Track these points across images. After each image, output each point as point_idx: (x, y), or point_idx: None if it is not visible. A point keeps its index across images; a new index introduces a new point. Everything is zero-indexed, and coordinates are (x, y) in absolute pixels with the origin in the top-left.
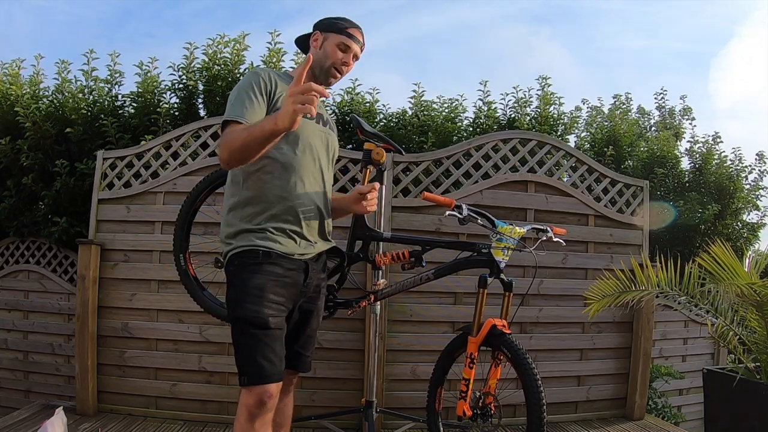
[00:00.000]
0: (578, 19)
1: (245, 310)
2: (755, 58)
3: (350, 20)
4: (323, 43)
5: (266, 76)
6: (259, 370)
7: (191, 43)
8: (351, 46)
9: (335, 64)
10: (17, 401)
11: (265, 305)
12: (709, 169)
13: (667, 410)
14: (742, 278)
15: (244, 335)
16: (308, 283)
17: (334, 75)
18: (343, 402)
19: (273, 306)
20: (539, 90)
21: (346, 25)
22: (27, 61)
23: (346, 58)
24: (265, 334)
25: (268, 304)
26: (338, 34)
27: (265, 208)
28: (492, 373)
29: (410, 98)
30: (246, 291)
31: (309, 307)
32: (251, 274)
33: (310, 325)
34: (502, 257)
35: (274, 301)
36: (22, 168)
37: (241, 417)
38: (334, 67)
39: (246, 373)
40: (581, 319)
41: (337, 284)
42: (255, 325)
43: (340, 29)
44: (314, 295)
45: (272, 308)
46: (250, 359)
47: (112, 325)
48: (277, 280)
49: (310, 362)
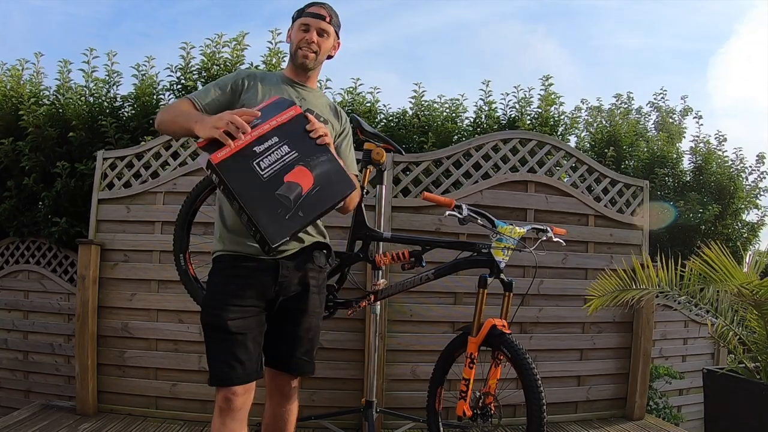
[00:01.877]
0: (575, 18)
1: (207, 315)
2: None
3: (314, 0)
4: (291, 33)
5: (244, 76)
6: (220, 373)
7: (187, 43)
8: (310, 23)
9: (299, 46)
10: (17, 401)
11: (226, 309)
12: (710, 169)
13: (667, 411)
14: (737, 279)
15: (207, 339)
16: (282, 281)
17: (304, 56)
18: (343, 402)
19: (235, 309)
20: (542, 90)
21: (305, 6)
22: (28, 61)
23: (308, 36)
24: (225, 338)
25: (230, 308)
26: (298, 18)
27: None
28: (492, 373)
29: (411, 98)
30: (210, 296)
31: (294, 306)
32: (216, 279)
33: (300, 324)
34: (502, 257)
35: (236, 304)
36: (22, 169)
37: (214, 413)
38: (299, 49)
39: (211, 375)
40: (581, 319)
41: (337, 284)
42: (215, 329)
43: (300, 12)
44: (298, 293)
45: (234, 312)
46: (213, 362)
47: (112, 325)
48: (242, 283)
49: (306, 364)
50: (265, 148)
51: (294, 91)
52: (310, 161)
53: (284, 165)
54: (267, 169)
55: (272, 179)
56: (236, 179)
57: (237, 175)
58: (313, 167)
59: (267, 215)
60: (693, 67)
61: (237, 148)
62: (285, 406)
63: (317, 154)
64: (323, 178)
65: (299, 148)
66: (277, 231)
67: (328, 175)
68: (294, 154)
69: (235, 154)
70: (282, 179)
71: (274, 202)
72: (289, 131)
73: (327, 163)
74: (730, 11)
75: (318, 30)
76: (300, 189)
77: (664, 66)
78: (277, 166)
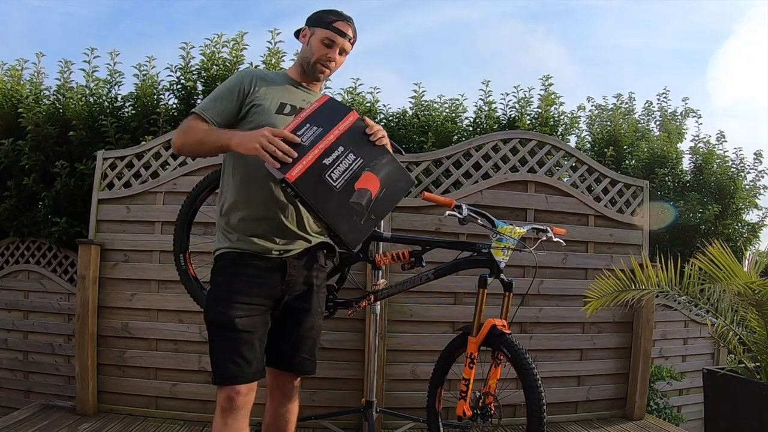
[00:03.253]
0: (574, 17)
1: (213, 313)
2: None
3: (339, 12)
4: (310, 39)
5: (248, 78)
6: (225, 372)
7: (187, 43)
8: (336, 40)
9: (320, 60)
10: (17, 401)
11: (233, 307)
12: (710, 168)
13: (668, 411)
14: (740, 278)
15: (212, 337)
16: (288, 280)
17: (321, 71)
18: (343, 402)
19: (242, 307)
20: (542, 90)
21: (332, 18)
22: (28, 61)
23: (331, 53)
24: (231, 336)
25: (237, 305)
26: (324, 29)
27: (245, 214)
28: (492, 373)
29: (410, 98)
30: (215, 294)
31: (298, 305)
32: (222, 277)
33: (303, 324)
34: (502, 257)
35: (243, 302)
36: (22, 169)
37: (216, 413)
38: (319, 63)
39: (215, 374)
40: (581, 319)
41: (337, 284)
42: (221, 327)
43: (327, 24)
44: (303, 292)
45: (241, 309)
46: (218, 361)
47: (112, 325)
48: (249, 281)
49: (309, 364)
50: (333, 159)
51: (300, 92)
52: (375, 165)
53: (353, 173)
54: (339, 180)
55: (345, 188)
56: (312, 194)
57: (312, 189)
58: (378, 170)
59: (346, 224)
60: (693, 67)
61: (309, 164)
62: (286, 405)
63: (379, 157)
64: (388, 179)
65: (363, 153)
66: (356, 237)
67: (391, 174)
68: (360, 161)
69: (308, 170)
70: (353, 187)
71: (349, 210)
72: (352, 138)
73: (389, 164)
74: (730, 11)
75: (341, 49)
76: (369, 194)
77: (664, 66)
78: (347, 175)
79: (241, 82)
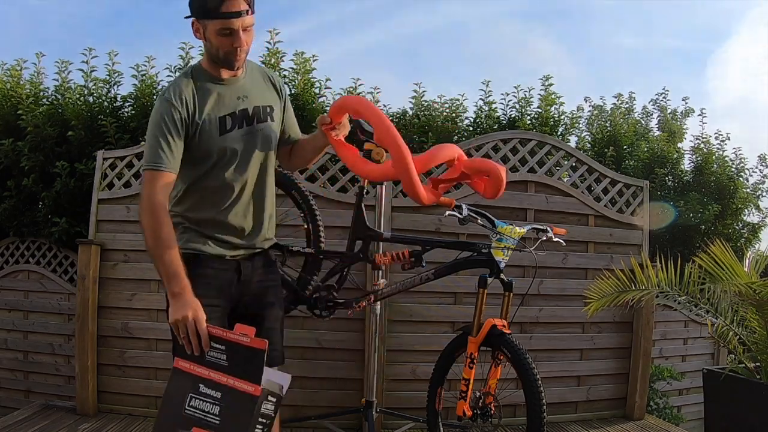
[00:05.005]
0: (572, 16)
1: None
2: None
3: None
4: (205, 33)
5: (179, 101)
6: None
7: (186, 42)
8: (233, 26)
9: (228, 53)
10: (17, 401)
11: None
12: (710, 168)
13: (668, 411)
14: (741, 278)
15: (174, 339)
16: (244, 281)
17: (235, 60)
18: (343, 402)
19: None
20: (542, 90)
21: (217, 2)
22: (27, 60)
23: (235, 42)
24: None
25: None
26: (214, 20)
27: (199, 218)
28: (492, 373)
29: (411, 98)
30: None
31: (258, 306)
32: None
33: (265, 321)
34: (502, 257)
35: (201, 303)
36: (22, 169)
37: None
38: (228, 55)
39: None
40: (581, 319)
41: (337, 284)
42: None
43: (215, 12)
44: (260, 294)
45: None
46: None
47: (112, 325)
48: (207, 283)
49: (277, 355)
50: (205, 393)
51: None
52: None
53: (198, 420)
54: (189, 409)
55: (187, 419)
56: (173, 389)
57: (176, 387)
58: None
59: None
60: (692, 66)
61: (193, 372)
62: None
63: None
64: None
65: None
66: None
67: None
68: (216, 420)
69: (190, 374)
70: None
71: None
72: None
73: None
74: (730, 11)
75: (243, 29)
76: None
77: (663, 65)
78: (197, 414)
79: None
